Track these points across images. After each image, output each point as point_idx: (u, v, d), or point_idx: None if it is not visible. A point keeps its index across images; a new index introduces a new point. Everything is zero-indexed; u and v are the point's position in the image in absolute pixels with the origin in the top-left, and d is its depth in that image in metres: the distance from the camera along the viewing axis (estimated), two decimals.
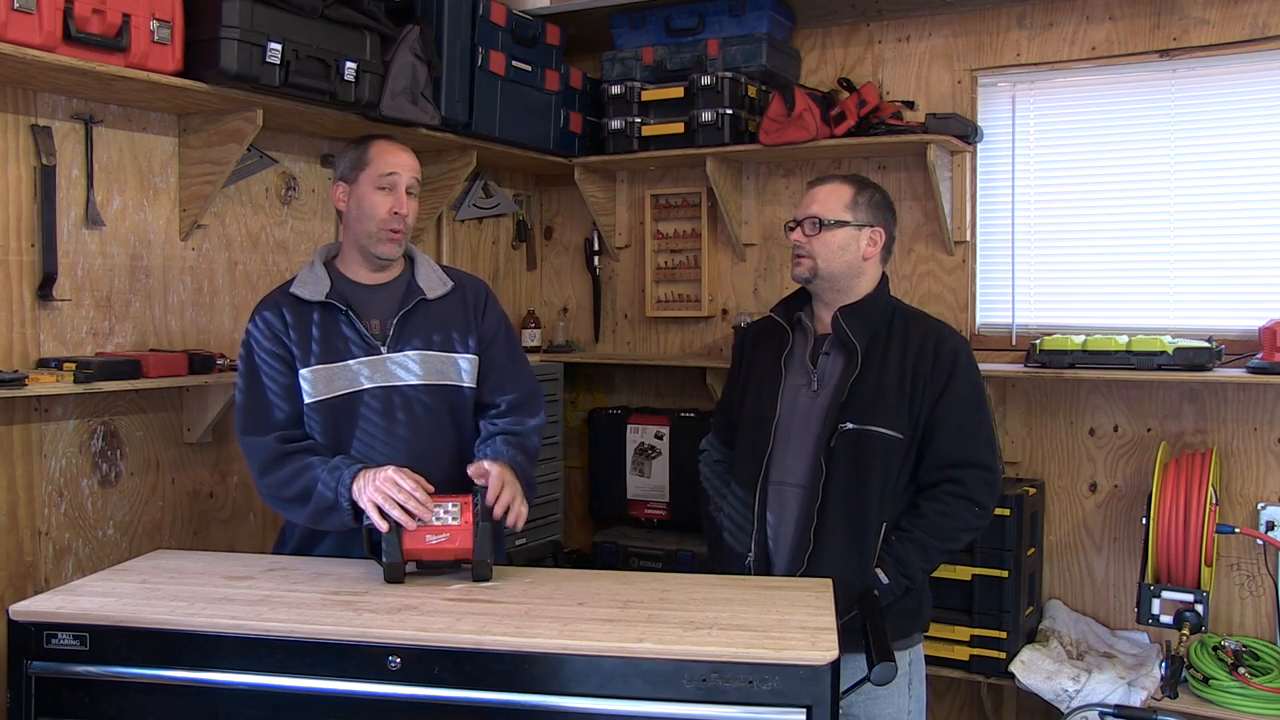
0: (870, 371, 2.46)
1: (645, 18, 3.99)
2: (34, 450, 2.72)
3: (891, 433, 2.43)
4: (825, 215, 2.51)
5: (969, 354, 2.54)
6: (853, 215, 2.52)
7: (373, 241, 2.45)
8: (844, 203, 2.52)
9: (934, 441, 2.45)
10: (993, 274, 3.77)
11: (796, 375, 2.55)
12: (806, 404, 2.52)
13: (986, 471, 2.46)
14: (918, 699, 2.53)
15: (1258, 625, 3.32)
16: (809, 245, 2.51)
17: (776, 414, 2.53)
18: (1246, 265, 3.38)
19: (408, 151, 2.52)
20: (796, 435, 2.51)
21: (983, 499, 2.45)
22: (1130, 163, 3.55)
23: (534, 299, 4.59)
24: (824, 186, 2.56)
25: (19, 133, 2.67)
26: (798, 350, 2.58)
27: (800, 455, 2.50)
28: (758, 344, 2.68)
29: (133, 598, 2.07)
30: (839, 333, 2.50)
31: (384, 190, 2.44)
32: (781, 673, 1.78)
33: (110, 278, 2.89)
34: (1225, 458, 3.36)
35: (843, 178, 2.59)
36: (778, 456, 2.52)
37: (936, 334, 2.53)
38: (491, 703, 1.84)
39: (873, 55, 3.92)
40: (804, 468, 2.49)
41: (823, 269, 2.51)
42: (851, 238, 2.52)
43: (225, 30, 2.67)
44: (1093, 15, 3.56)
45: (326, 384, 2.41)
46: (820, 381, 2.52)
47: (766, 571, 2.51)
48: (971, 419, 2.48)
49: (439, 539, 2.19)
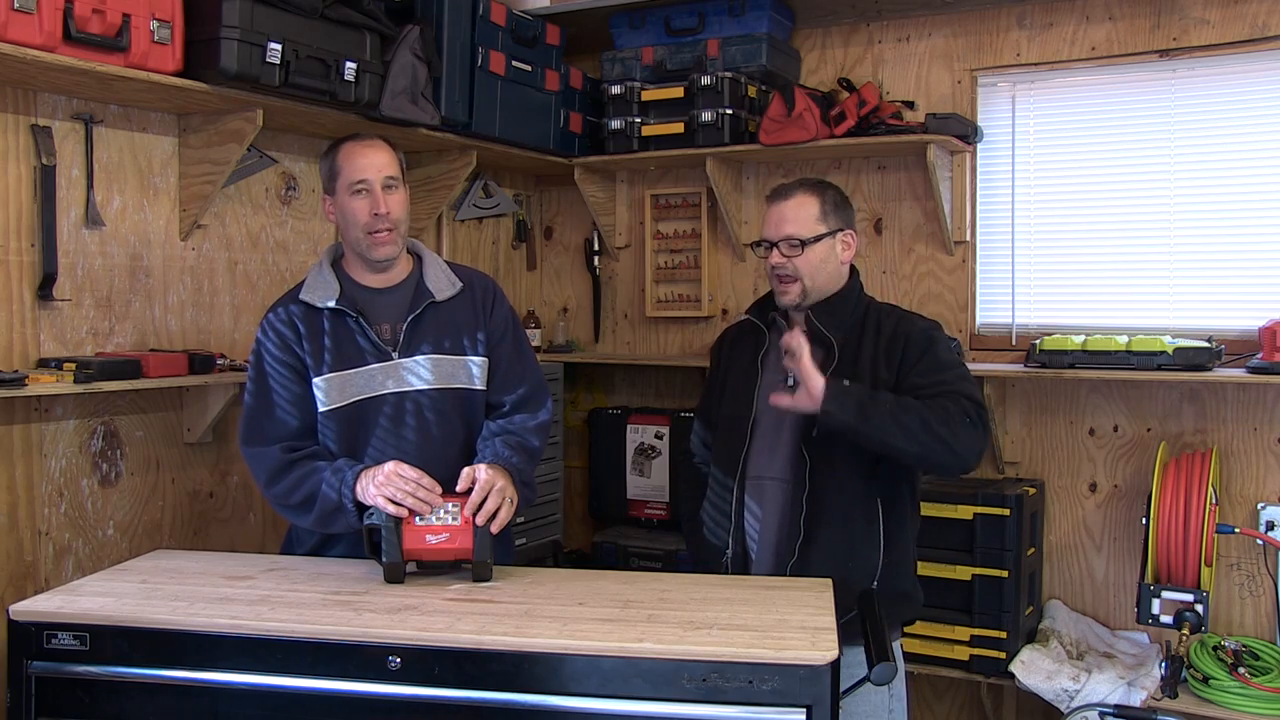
0: (846, 364, 2.45)
1: (645, 18, 3.99)
2: (34, 450, 2.72)
3: None
4: (802, 233, 2.47)
5: (943, 334, 2.53)
6: (825, 225, 2.50)
7: (365, 247, 2.43)
8: (815, 215, 2.49)
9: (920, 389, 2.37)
10: (993, 274, 3.77)
11: (772, 373, 2.54)
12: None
13: (977, 405, 2.36)
14: (899, 696, 2.51)
15: (1258, 625, 3.32)
16: (792, 266, 2.48)
17: (753, 411, 2.53)
18: (1246, 265, 3.38)
19: (375, 148, 2.45)
20: (774, 430, 2.51)
21: (974, 415, 2.34)
22: (1130, 163, 3.55)
23: (534, 299, 4.59)
24: (789, 202, 2.51)
25: (19, 133, 2.67)
26: (774, 348, 2.56)
27: (779, 449, 2.49)
28: (735, 347, 2.69)
29: (133, 598, 2.07)
30: (814, 330, 2.49)
31: (360, 195, 2.41)
32: (781, 672, 1.78)
33: (110, 278, 2.89)
34: (1225, 458, 3.36)
35: (803, 187, 2.54)
36: (755, 452, 2.52)
37: (909, 321, 2.53)
38: (492, 702, 1.84)
39: (873, 55, 3.92)
40: (784, 461, 2.48)
41: (810, 287, 2.49)
42: (829, 248, 2.50)
43: (225, 30, 2.67)
44: (1093, 15, 3.56)
45: (340, 391, 2.40)
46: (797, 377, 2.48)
47: (744, 568, 2.52)
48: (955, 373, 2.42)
49: (439, 539, 2.19)
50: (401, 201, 2.45)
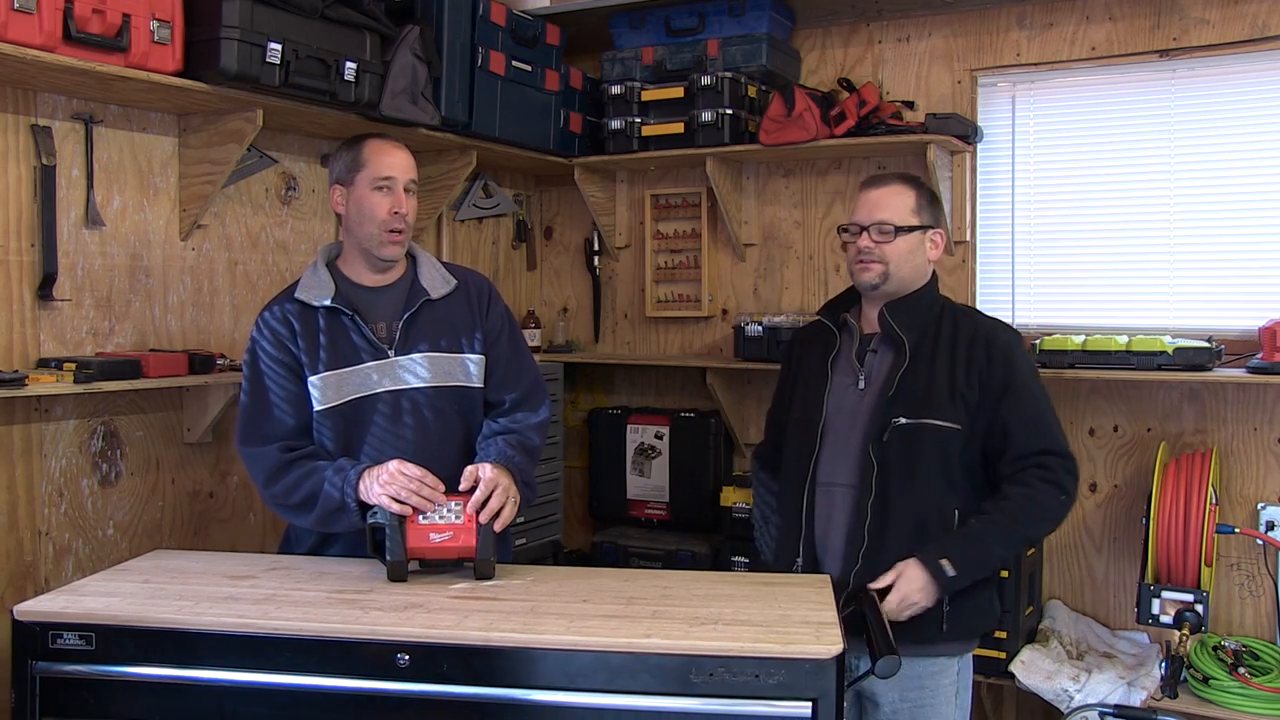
0: (920, 365, 2.42)
1: (645, 18, 3.99)
2: (34, 450, 2.71)
3: (948, 424, 2.39)
4: (896, 220, 2.46)
5: (1022, 347, 2.52)
6: (919, 219, 2.49)
7: (375, 244, 2.44)
8: (910, 206, 2.48)
9: (1011, 435, 2.40)
10: (993, 274, 3.78)
11: (843, 375, 2.52)
12: (854, 402, 2.48)
13: (1068, 460, 2.42)
14: (963, 708, 2.48)
15: (1258, 625, 3.32)
16: (880, 251, 2.45)
17: (823, 415, 2.49)
18: (1246, 265, 3.38)
19: (402, 149, 2.50)
20: (845, 435, 2.47)
21: (1068, 485, 2.40)
22: (1130, 163, 3.55)
23: (534, 299, 4.58)
24: (885, 189, 2.50)
25: (19, 133, 2.66)
26: (844, 350, 2.54)
27: (848, 454, 2.45)
28: (805, 349, 2.65)
29: (137, 597, 2.06)
30: (886, 329, 2.47)
31: (382, 191, 2.43)
32: (788, 666, 1.79)
33: (110, 278, 2.88)
34: (1225, 458, 3.36)
35: (899, 179, 2.54)
36: (825, 458, 2.48)
37: (988, 329, 2.50)
38: (500, 699, 1.84)
39: (873, 55, 3.92)
40: (852, 466, 2.44)
41: (894, 274, 2.47)
42: (919, 242, 2.49)
43: (225, 30, 2.67)
44: (1093, 15, 3.56)
45: (336, 390, 2.39)
46: (868, 379, 2.48)
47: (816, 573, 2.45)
48: (1043, 409, 2.45)
49: (442, 537, 2.19)
50: (415, 207, 2.50)
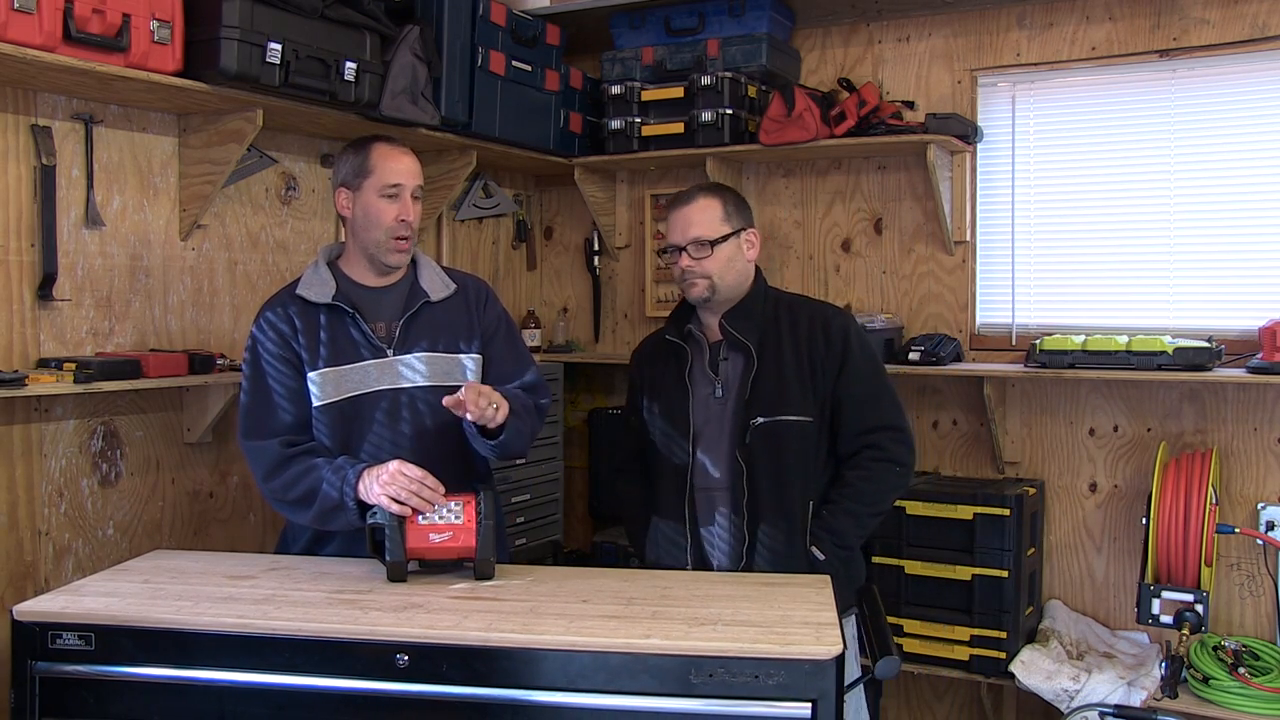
0: (768, 365, 2.56)
1: (645, 18, 3.99)
2: (34, 450, 2.71)
3: (801, 418, 2.54)
4: (709, 235, 2.58)
5: (857, 327, 2.66)
6: (729, 225, 2.60)
7: (381, 250, 2.46)
8: (719, 216, 2.60)
9: (843, 415, 2.57)
10: (993, 274, 3.78)
11: (702, 385, 2.63)
12: (717, 410, 2.60)
13: (898, 431, 2.59)
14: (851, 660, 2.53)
15: (1258, 625, 3.32)
16: (701, 266, 2.57)
17: (691, 427, 2.60)
18: (1246, 265, 3.38)
19: (409, 154, 2.51)
20: (715, 441, 2.59)
21: (901, 457, 2.58)
22: (1130, 163, 3.55)
23: (534, 299, 4.58)
24: (691, 205, 2.62)
25: (19, 133, 2.66)
26: (697, 361, 2.65)
27: (719, 459, 2.59)
28: (656, 365, 2.74)
29: (137, 598, 2.07)
30: (729, 337, 2.59)
31: (389, 198, 2.44)
32: (787, 667, 1.79)
33: (110, 278, 2.88)
34: (1225, 458, 3.36)
35: (703, 191, 2.66)
36: (699, 466, 2.60)
37: (823, 316, 2.64)
38: (499, 699, 1.84)
39: (873, 55, 3.92)
40: (725, 470, 2.57)
41: (719, 284, 2.59)
42: (735, 248, 2.61)
43: (225, 30, 2.67)
44: (1093, 15, 3.56)
45: (335, 386, 2.40)
46: (725, 386, 2.60)
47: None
48: (874, 386, 2.61)
49: (442, 538, 2.19)
50: (420, 213, 2.52)
